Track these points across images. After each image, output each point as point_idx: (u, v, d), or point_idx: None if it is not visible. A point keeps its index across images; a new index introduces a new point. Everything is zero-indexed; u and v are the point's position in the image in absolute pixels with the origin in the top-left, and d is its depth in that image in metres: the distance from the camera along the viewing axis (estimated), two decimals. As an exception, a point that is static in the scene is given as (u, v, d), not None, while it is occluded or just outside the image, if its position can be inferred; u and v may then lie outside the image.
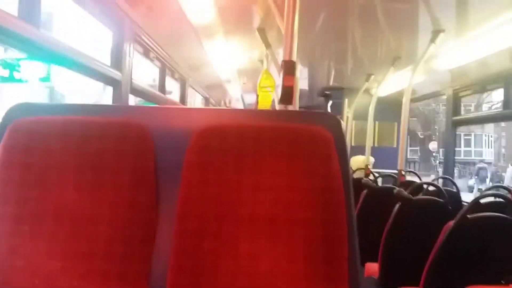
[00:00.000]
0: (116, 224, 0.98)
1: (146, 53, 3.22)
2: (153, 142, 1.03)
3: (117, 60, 2.51)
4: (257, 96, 3.89)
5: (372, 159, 4.93)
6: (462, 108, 4.13)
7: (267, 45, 3.25)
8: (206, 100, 6.55)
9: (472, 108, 19.28)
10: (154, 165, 1.02)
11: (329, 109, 6.26)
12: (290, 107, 1.44)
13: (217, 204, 0.96)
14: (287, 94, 1.43)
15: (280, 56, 3.43)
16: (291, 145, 0.99)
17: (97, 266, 0.95)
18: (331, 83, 5.77)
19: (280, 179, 0.97)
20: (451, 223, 1.90)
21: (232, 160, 0.98)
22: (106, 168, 1.00)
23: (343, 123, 1.06)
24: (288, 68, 1.44)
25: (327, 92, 5.87)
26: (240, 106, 8.65)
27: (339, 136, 1.02)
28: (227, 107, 8.30)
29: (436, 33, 3.01)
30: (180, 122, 1.07)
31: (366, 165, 4.48)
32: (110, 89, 2.56)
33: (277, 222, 0.95)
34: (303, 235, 0.94)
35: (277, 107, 4.29)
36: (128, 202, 0.99)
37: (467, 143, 26.09)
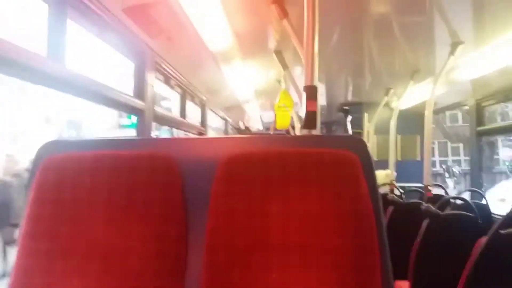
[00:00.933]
0: (147, 257, 0.98)
1: (166, 80, 3.30)
2: (181, 173, 1.04)
3: (140, 89, 2.59)
4: (275, 115, 3.91)
5: (393, 174, 4.86)
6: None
7: (285, 67, 3.29)
8: (225, 122, 6.62)
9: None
10: (182, 196, 1.03)
11: (348, 125, 6.23)
12: (314, 132, 1.45)
13: (246, 234, 0.96)
14: (310, 119, 1.45)
15: (297, 75, 3.47)
16: (318, 170, 0.98)
17: None
18: (349, 98, 5.76)
19: (308, 205, 0.96)
20: (484, 239, 1.86)
21: (259, 188, 0.98)
22: (135, 201, 1.01)
23: (369, 146, 1.06)
24: (310, 93, 1.46)
25: (346, 107, 5.85)
26: (258, 125, 8.69)
27: (366, 158, 1.01)
28: (245, 127, 8.35)
29: (455, 45, 2.99)
30: (206, 152, 1.08)
31: (391, 181, 4.42)
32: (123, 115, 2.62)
33: (307, 250, 0.94)
34: (335, 262, 0.93)
35: (298, 130, 4.30)
36: (158, 235, 1.00)
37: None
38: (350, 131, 6.24)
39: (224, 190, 1.00)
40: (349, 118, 6.11)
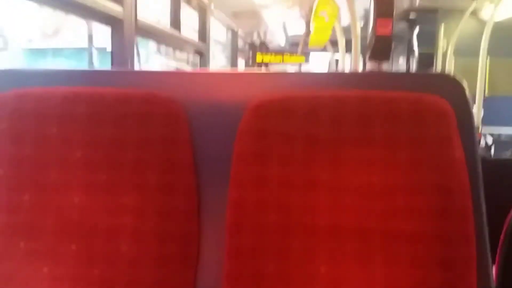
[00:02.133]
0: (143, 238, 1.00)
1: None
2: (189, 122, 1.03)
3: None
4: (307, 25, 3.80)
5: (481, 113, 4.81)
6: None
7: None
8: (233, 33, 6.53)
9: None
10: (190, 154, 1.02)
11: (414, 40, 6.11)
12: (385, 65, 1.41)
13: (282, 211, 0.97)
14: (382, 46, 1.38)
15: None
16: (389, 126, 0.96)
17: None
18: (417, 2, 5.59)
19: (373, 175, 0.96)
20: None
21: (301, 148, 0.98)
22: (125, 161, 1.01)
23: (466, 88, 1.02)
24: (383, 6, 1.36)
25: (412, 16, 5.71)
26: (280, 39, 8.59)
27: (463, 108, 0.98)
28: (261, 41, 8.26)
29: None
30: (225, 93, 1.05)
31: (477, 127, 4.37)
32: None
33: (369, 236, 0.95)
34: (410, 254, 0.94)
35: (342, 49, 4.21)
36: (158, 208, 1.01)
37: None
38: (416, 50, 6.14)
39: (252, 149, 0.99)
40: (416, 31, 5.98)
